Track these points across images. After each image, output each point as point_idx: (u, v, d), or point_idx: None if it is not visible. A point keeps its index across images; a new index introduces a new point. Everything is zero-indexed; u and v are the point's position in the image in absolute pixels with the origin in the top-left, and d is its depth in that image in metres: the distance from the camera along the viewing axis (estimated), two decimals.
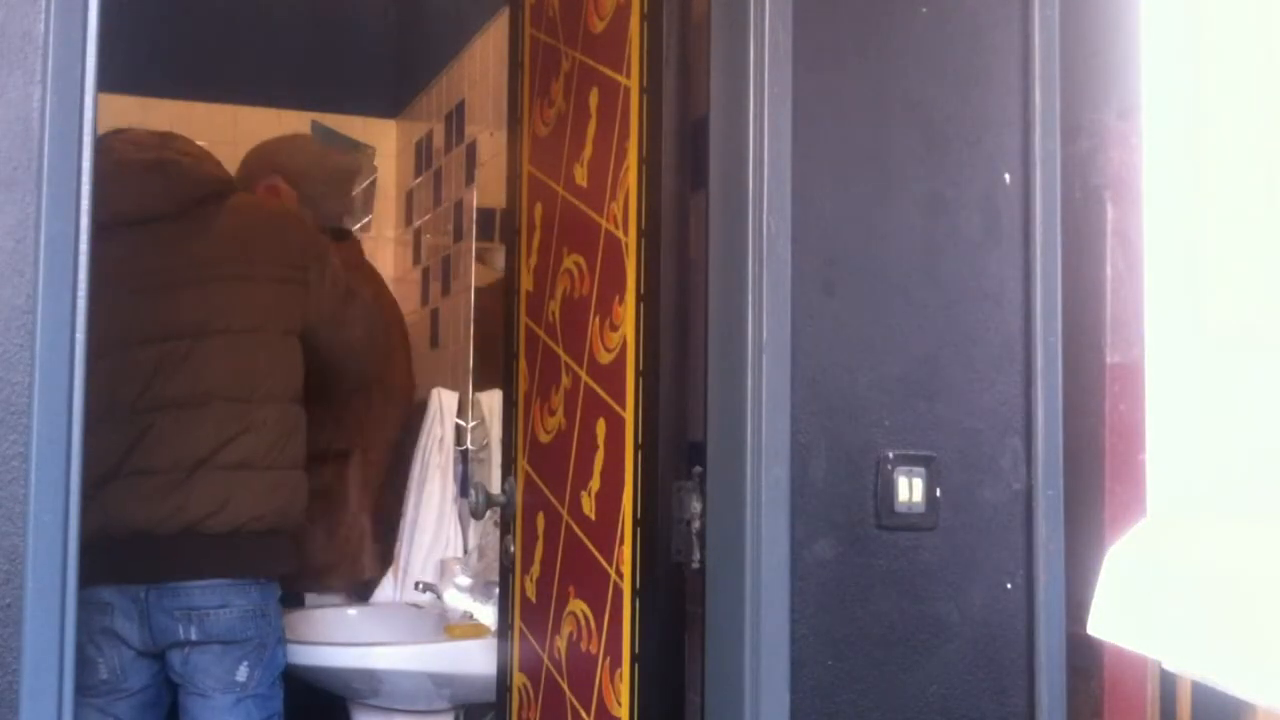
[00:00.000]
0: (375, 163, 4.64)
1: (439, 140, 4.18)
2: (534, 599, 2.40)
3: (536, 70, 2.51)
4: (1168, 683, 1.77)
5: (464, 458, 3.55)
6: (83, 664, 2.38)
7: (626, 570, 2.02)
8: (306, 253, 2.74)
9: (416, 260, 4.38)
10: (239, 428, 2.55)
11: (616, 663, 2.03)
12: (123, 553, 2.47)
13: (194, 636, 2.51)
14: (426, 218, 4.29)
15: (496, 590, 2.70)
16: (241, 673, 2.57)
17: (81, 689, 2.38)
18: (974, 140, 1.87)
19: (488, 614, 2.98)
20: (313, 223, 3.06)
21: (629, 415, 2.04)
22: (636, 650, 1.99)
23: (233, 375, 2.57)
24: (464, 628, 3.02)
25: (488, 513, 2.65)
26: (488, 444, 3.37)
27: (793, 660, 1.75)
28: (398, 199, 4.63)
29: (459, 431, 3.57)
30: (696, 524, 1.90)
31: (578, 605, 2.19)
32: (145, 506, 2.49)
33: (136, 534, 2.48)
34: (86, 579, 2.33)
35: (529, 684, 2.41)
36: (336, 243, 3.19)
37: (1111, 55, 1.89)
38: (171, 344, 2.56)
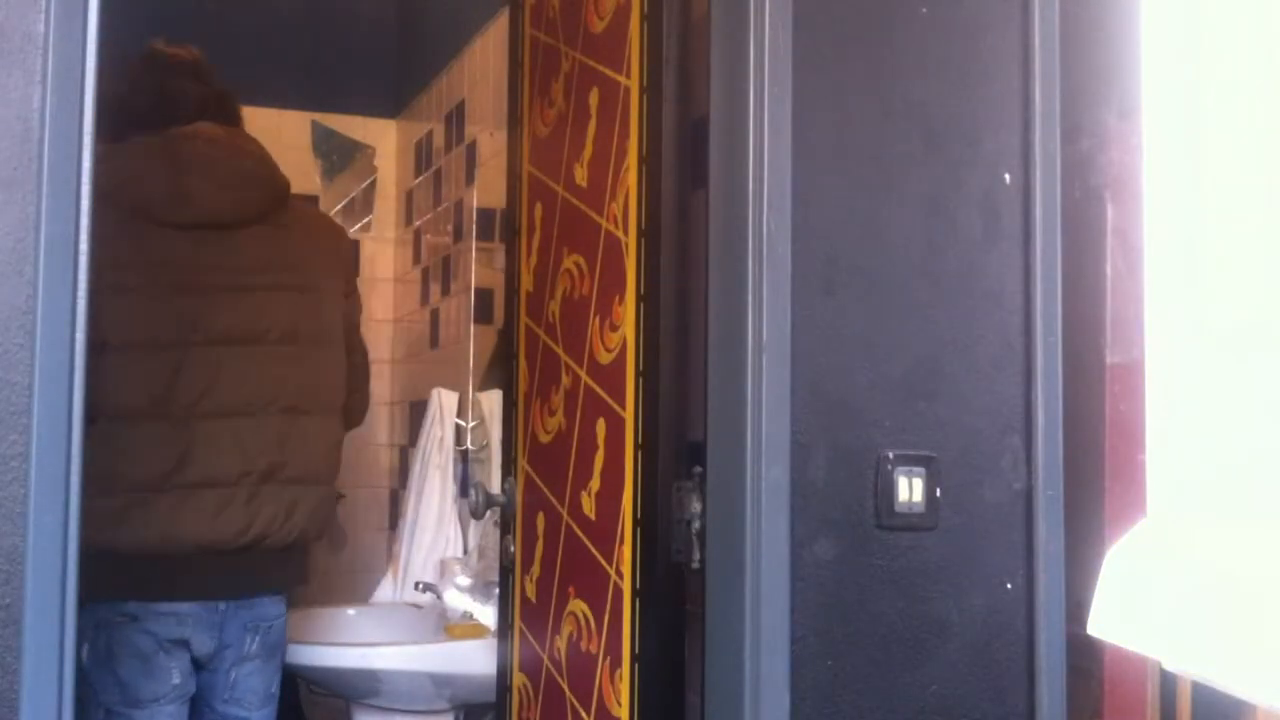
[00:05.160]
0: (375, 163, 4.65)
1: (439, 140, 4.18)
2: (534, 599, 2.40)
3: (536, 70, 2.51)
4: (1168, 683, 1.77)
5: (464, 458, 3.55)
6: (157, 673, 2.39)
7: (626, 570, 2.02)
8: (349, 266, 2.74)
9: (416, 260, 4.38)
10: (299, 440, 2.51)
11: (616, 663, 2.03)
12: (197, 568, 2.40)
13: (255, 649, 2.50)
14: (426, 218, 4.29)
15: (496, 590, 2.70)
16: (274, 684, 2.58)
17: (158, 698, 2.40)
18: (974, 140, 1.87)
19: (488, 614, 2.98)
20: None
21: (629, 415, 2.04)
22: (636, 650, 1.99)
23: (297, 386, 2.52)
24: (464, 628, 3.02)
25: (488, 513, 2.65)
26: (488, 444, 3.37)
27: (793, 660, 1.75)
28: (398, 199, 4.63)
29: (459, 431, 3.57)
30: (696, 524, 1.90)
31: (578, 605, 2.19)
32: (210, 522, 2.40)
33: (203, 549, 2.40)
34: (158, 592, 2.36)
35: (529, 684, 2.41)
36: None
37: (1111, 55, 1.89)
38: (236, 349, 2.46)
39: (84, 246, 1.43)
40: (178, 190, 2.44)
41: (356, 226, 4.62)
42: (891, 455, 1.80)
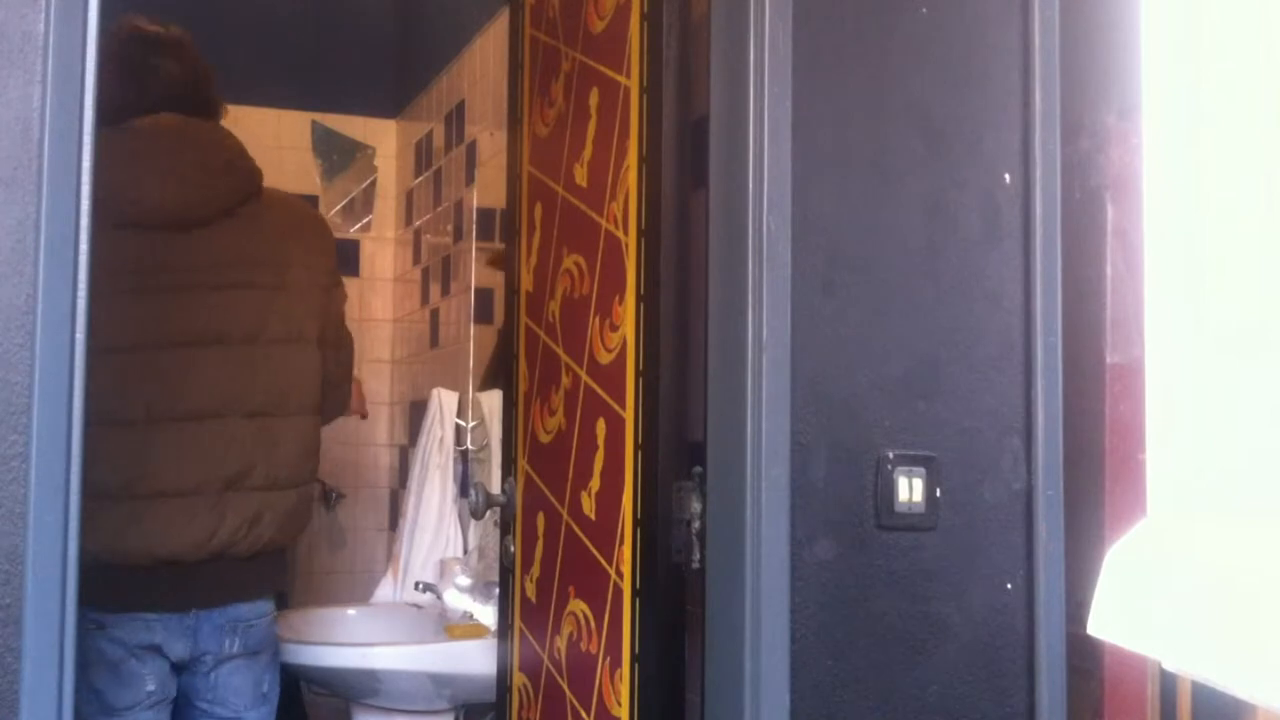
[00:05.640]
0: (375, 163, 4.65)
1: (439, 140, 4.18)
2: (534, 599, 2.40)
3: (536, 70, 2.51)
4: (1168, 683, 1.77)
5: (464, 458, 3.55)
6: (129, 680, 2.34)
7: (626, 570, 2.02)
8: (332, 258, 2.61)
9: (416, 260, 4.38)
10: (268, 446, 2.42)
11: (616, 663, 2.03)
12: (158, 580, 2.33)
13: (236, 649, 2.43)
14: (426, 218, 4.29)
15: (496, 590, 2.70)
16: (265, 683, 2.52)
17: (133, 705, 2.35)
18: (974, 140, 1.87)
19: (488, 614, 2.98)
20: None
21: (629, 415, 2.04)
22: (636, 650, 1.99)
23: (265, 389, 2.42)
24: (464, 628, 3.02)
25: (488, 513, 2.65)
26: (488, 444, 3.37)
27: (793, 660, 1.75)
28: (398, 199, 4.63)
29: (459, 431, 3.57)
30: (696, 524, 1.90)
31: (578, 605, 2.19)
32: (167, 533, 2.32)
33: (162, 562, 2.32)
34: (117, 604, 2.32)
35: (529, 684, 2.41)
36: None
37: (1111, 55, 1.89)
38: (198, 351, 2.37)
39: (84, 246, 1.43)
40: (134, 191, 2.35)
41: (356, 226, 4.62)
42: (891, 455, 1.80)
